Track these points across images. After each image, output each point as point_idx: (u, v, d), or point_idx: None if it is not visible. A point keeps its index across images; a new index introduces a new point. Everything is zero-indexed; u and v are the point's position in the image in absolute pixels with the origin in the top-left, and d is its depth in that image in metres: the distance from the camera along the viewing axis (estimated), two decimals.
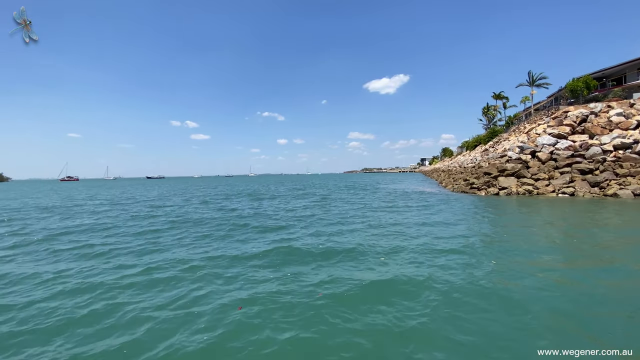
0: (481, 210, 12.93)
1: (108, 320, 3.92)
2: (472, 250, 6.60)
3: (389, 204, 16.43)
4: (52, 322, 3.90)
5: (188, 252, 7.23)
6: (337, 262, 6.16)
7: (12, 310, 4.26)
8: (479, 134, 60.34)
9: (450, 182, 28.62)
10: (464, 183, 23.36)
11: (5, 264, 6.59)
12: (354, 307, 4.07)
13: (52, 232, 10.10)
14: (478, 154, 39.69)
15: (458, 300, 4.18)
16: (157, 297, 4.61)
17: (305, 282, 5.02)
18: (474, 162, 32.17)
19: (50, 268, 6.19)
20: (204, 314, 4.00)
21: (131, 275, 5.59)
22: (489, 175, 20.55)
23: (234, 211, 14.75)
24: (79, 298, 4.65)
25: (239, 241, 8.30)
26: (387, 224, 10.35)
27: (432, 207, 14.24)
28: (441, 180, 36.48)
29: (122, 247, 7.81)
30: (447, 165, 58.75)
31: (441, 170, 52.02)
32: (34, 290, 5.04)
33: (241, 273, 5.55)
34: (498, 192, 18.44)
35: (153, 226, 10.88)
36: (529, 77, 44.02)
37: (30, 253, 7.54)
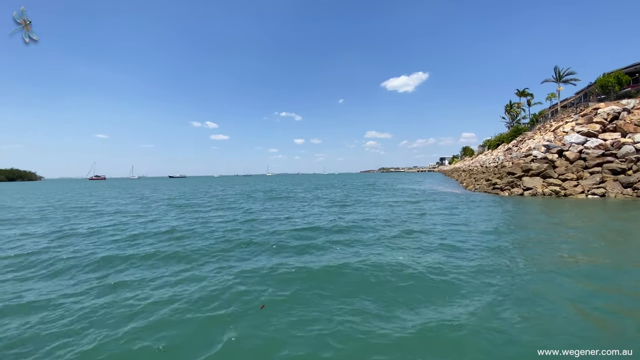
0: (506, 211, 12.60)
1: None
2: (509, 258, 6.20)
3: (410, 204, 16.08)
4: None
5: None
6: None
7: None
8: (501, 133, 58.66)
9: (472, 182, 28.03)
10: (486, 183, 22.85)
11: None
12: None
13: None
14: (501, 153, 38.60)
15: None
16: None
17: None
18: (496, 162, 31.34)
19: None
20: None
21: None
22: (513, 175, 20.01)
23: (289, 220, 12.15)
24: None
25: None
26: (413, 227, 9.77)
27: (455, 208, 13.82)
28: (462, 180, 35.75)
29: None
30: (467, 164, 57.40)
31: (462, 170, 50.89)
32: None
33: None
34: (522, 193, 17.94)
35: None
36: (555, 72, 42.35)
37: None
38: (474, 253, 6.58)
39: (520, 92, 58.55)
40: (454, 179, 47.56)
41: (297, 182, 59.60)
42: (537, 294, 4.38)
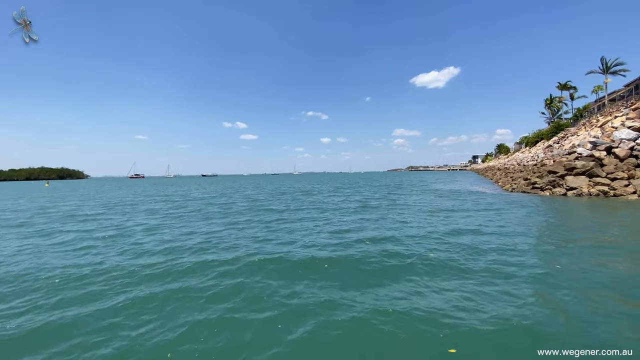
0: (551, 213, 11.94)
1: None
2: (559, 268, 5.61)
3: (447, 206, 15.09)
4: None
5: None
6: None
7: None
8: (540, 129, 55.39)
9: (508, 182, 26.87)
10: (524, 182, 21.86)
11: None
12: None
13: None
14: (540, 150, 36.56)
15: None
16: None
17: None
18: (535, 160, 29.77)
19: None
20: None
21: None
22: (555, 174, 19.02)
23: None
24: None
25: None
26: (448, 230, 9.11)
27: (499, 210, 12.96)
28: (497, 179, 34.32)
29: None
30: (503, 163, 54.80)
31: (496, 169, 48.73)
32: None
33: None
34: (565, 193, 17.03)
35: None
36: (602, 63, 39.36)
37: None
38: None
39: (562, 85, 54.97)
40: (488, 178, 45.68)
41: (323, 181, 59.93)
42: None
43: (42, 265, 6.42)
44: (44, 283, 5.38)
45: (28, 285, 5.33)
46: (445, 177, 59.44)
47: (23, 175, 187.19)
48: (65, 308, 4.38)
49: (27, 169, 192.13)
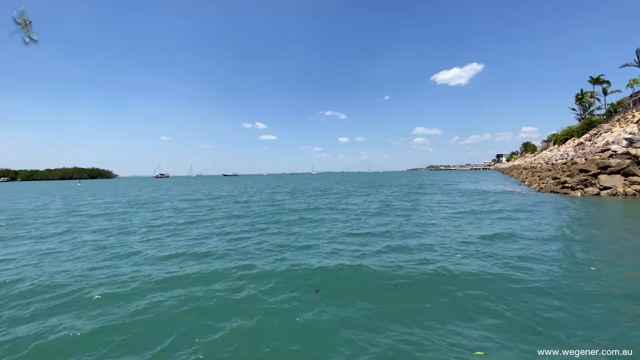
0: (584, 215, 11.37)
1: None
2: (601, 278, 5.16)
3: (475, 208, 14.06)
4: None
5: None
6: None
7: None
8: (570, 126, 53.00)
9: (536, 181, 25.99)
10: (553, 182, 21.10)
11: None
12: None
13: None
14: (570, 148, 35.04)
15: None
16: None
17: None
18: (564, 158, 28.60)
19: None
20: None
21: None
22: (587, 172, 18.27)
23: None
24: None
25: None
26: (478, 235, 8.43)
27: (525, 212, 12.26)
28: (523, 179, 33.22)
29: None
30: (529, 161, 52.85)
31: (522, 168, 47.08)
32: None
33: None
34: (599, 193, 16.35)
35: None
36: (638, 56, 37.19)
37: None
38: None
39: (594, 79, 52.34)
40: (513, 177, 44.23)
41: (342, 181, 59.89)
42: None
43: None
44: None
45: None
46: (468, 177, 57.96)
47: (58, 175, 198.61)
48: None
49: (62, 169, 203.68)
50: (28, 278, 5.73)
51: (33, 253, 7.68)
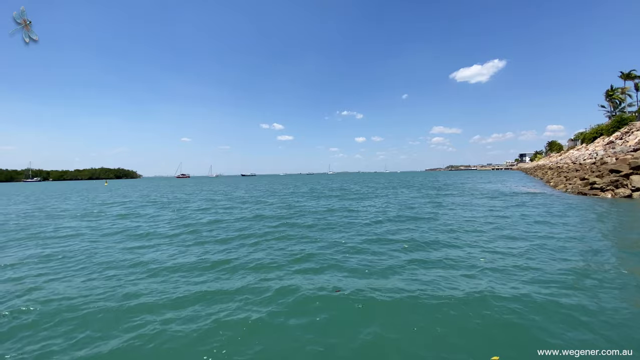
0: (616, 217, 10.63)
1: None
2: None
3: (502, 211, 13.10)
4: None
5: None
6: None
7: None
8: (599, 124, 50.52)
9: (562, 182, 25.02)
10: (580, 183, 20.28)
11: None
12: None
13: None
14: (599, 147, 33.48)
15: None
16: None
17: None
18: (593, 158, 27.38)
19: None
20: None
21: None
22: (618, 173, 17.45)
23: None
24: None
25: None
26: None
27: (555, 215, 11.47)
28: (548, 179, 32.01)
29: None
30: (554, 161, 50.82)
31: (547, 168, 45.33)
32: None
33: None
34: (630, 194, 15.59)
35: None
36: None
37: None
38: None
39: (625, 74, 49.77)
40: (537, 177, 42.65)
41: (358, 181, 59.56)
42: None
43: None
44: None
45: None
46: (490, 177, 56.41)
47: (86, 175, 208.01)
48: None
49: (90, 169, 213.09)
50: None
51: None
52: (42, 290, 5.24)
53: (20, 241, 9.30)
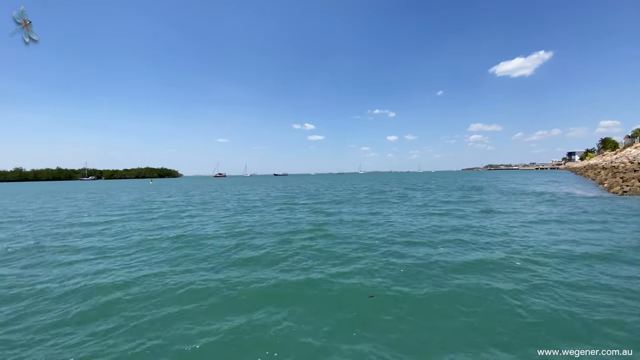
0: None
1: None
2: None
3: (555, 216, 12.05)
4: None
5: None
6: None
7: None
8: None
9: (618, 183, 23.65)
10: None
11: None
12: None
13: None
14: None
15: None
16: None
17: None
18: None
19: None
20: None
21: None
22: None
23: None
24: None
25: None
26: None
27: (614, 223, 10.35)
28: (601, 180, 30.16)
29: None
30: (609, 160, 47.23)
31: (600, 167, 42.36)
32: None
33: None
34: None
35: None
36: None
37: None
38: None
39: None
40: (589, 178, 40.05)
41: (390, 181, 58.86)
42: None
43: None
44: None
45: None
46: (535, 178, 53.39)
47: (133, 174, 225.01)
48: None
49: (136, 169, 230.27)
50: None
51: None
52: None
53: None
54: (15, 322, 4.46)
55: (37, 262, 7.47)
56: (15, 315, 4.68)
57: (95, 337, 3.99)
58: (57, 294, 5.43)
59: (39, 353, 3.67)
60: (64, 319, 4.48)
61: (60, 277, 6.32)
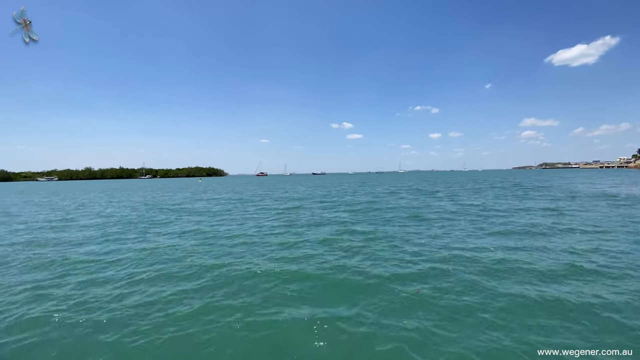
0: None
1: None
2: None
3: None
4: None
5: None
6: None
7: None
8: None
9: None
10: None
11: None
12: None
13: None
14: None
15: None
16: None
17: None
18: None
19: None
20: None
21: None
22: None
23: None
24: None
25: None
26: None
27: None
28: None
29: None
30: None
31: None
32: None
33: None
34: None
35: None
36: None
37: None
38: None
39: None
40: None
41: (435, 181, 55.76)
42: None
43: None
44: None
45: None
46: (598, 177, 47.68)
47: (184, 173, 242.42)
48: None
49: (187, 168, 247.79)
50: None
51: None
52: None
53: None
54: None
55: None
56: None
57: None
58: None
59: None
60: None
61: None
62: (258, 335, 3.98)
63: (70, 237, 10.36)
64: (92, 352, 3.73)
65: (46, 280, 6.19)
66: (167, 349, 3.75)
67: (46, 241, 9.85)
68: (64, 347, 3.84)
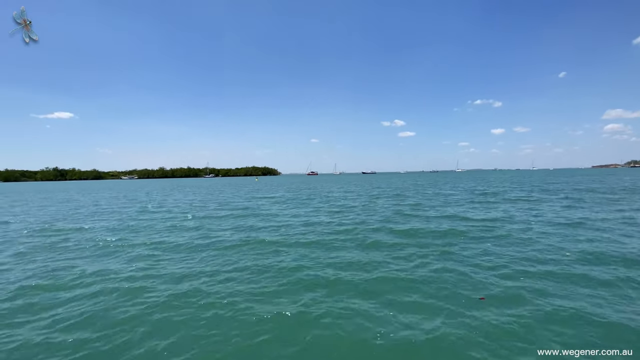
0: None
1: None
2: None
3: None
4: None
5: None
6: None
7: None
8: None
9: None
10: None
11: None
12: None
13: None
14: None
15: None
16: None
17: None
18: None
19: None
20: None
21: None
22: None
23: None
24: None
25: None
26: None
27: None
28: None
29: None
30: None
31: None
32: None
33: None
34: None
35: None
36: None
37: None
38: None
39: None
40: None
41: (505, 182, 49.66)
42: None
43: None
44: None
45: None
46: None
47: (242, 172, 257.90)
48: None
49: (245, 168, 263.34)
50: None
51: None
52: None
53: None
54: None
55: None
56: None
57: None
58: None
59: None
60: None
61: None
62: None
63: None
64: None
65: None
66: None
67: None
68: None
